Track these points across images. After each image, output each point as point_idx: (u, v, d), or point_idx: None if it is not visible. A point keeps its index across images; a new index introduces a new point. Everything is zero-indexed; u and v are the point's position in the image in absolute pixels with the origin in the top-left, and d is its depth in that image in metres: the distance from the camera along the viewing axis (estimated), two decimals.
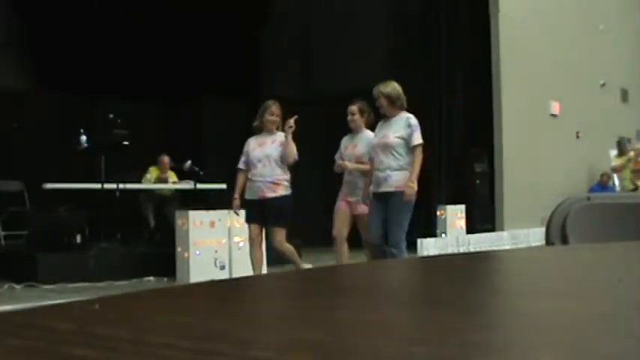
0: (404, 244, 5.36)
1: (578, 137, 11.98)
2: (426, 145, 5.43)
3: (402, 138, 5.35)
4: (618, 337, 0.48)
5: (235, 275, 6.80)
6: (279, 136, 5.86)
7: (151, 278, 7.10)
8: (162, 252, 7.46)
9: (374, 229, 5.44)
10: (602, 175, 12.64)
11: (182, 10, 10.75)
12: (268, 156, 5.81)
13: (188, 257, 6.88)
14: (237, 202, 6.02)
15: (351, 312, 0.60)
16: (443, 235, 9.70)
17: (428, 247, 9.18)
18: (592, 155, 12.35)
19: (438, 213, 9.84)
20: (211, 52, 11.12)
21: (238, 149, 6.02)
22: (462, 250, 9.38)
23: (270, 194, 5.76)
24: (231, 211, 6.25)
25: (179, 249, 6.98)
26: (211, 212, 7.09)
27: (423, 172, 5.50)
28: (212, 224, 7.04)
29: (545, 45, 11.77)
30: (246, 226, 6.03)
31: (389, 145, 5.35)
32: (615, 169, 10.92)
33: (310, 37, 12.90)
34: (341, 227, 5.85)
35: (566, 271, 0.98)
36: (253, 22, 12.28)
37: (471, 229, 10.03)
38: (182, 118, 11.65)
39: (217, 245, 7.04)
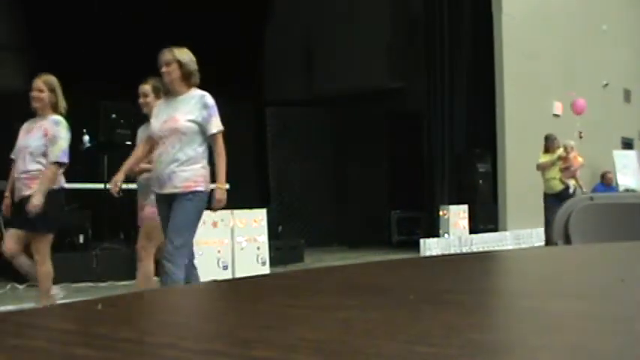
0: (182, 260, 4.01)
1: (581, 137, 11.95)
2: (429, 145, 5.26)
3: (197, 122, 4.11)
4: (620, 336, 0.48)
5: (238, 275, 6.80)
6: (48, 121, 4.63)
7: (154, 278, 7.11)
8: None
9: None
10: (604, 175, 12.63)
11: (182, 10, 10.76)
12: (26, 148, 4.60)
13: None
14: (6, 201, 4.75)
15: (353, 311, 0.60)
16: (446, 235, 9.70)
17: (430, 246, 9.19)
18: (595, 155, 12.32)
19: (441, 213, 9.83)
20: (211, 53, 11.10)
21: (239, 149, 5.94)
22: (464, 250, 9.38)
23: (27, 192, 4.51)
24: (233, 211, 6.05)
25: None
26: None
27: (423, 171, 5.30)
28: (215, 224, 7.03)
29: (547, 45, 11.77)
30: (248, 225, 5.89)
31: (178, 131, 4.08)
32: (541, 167, 9.64)
33: (311, 37, 12.89)
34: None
35: (569, 271, 0.98)
36: (253, 22, 12.28)
37: (473, 229, 10.03)
38: None
39: (220, 245, 7.04)
